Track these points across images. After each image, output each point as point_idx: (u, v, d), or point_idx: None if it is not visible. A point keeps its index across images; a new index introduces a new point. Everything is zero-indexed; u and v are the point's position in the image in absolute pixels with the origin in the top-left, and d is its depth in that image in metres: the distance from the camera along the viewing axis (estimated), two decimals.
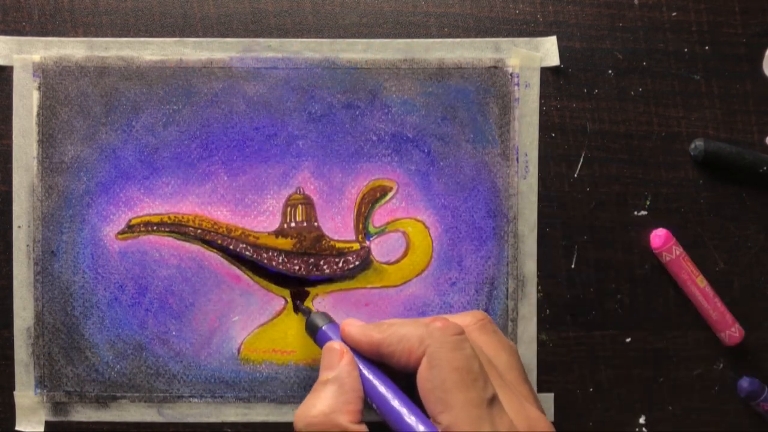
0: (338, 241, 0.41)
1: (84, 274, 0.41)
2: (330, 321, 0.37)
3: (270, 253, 0.41)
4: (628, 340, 0.42)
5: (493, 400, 0.29)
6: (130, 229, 0.41)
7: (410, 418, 0.30)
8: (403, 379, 0.33)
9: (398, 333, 0.32)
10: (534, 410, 0.31)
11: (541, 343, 0.42)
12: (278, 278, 0.41)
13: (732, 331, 0.41)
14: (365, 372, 0.33)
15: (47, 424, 0.41)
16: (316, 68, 0.41)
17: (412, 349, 0.31)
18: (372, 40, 0.41)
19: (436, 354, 0.30)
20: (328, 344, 0.34)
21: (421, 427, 0.29)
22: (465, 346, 0.30)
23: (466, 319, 0.34)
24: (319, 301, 0.41)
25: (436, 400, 0.29)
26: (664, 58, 0.42)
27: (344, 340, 0.34)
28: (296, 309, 0.41)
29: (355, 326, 0.34)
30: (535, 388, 0.42)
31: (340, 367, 0.33)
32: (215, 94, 0.41)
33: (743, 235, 0.42)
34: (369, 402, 0.33)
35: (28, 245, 0.41)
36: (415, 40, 0.41)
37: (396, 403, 0.31)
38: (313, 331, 0.37)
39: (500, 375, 0.31)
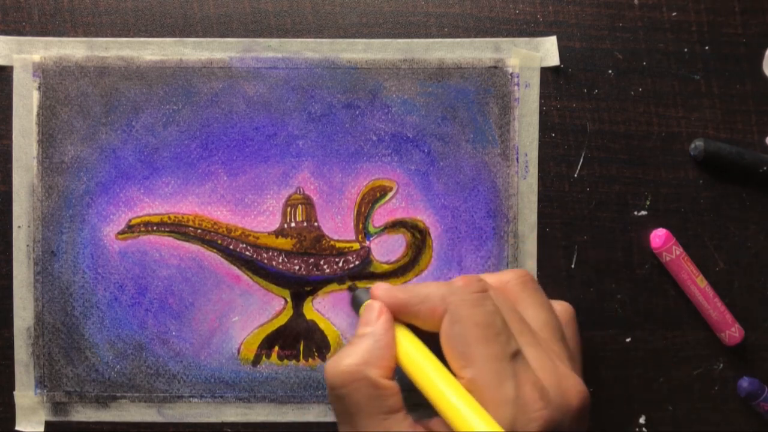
0: (338, 241, 0.41)
1: (84, 274, 0.41)
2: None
3: (270, 253, 0.41)
4: (628, 340, 0.42)
5: (517, 355, 0.29)
6: (130, 229, 0.41)
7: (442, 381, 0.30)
8: (434, 342, 0.33)
9: (422, 293, 0.32)
10: (564, 367, 0.30)
11: None
12: (278, 278, 0.41)
13: (732, 331, 0.41)
14: (403, 335, 0.33)
15: (47, 424, 0.41)
16: (316, 68, 0.41)
17: (435, 307, 0.31)
18: (372, 40, 0.41)
19: (456, 310, 0.30)
20: (368, 302, 0.34)
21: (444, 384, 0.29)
22: (486, 302, 0.30)
23: (506, 276, 0.34)
24: (319, 301, 0.41)
25: (458, 355, 0.29)
26: (664, 58, 0.42)
27: None
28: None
29: (382, 288, 0.34)
30: None
31: (378, 323, 0.33)
32: (215, 94, 0.41)
33: (743, 235, 0.42)
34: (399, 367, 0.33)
35: (28, 245, 0.41)
36: (415, 40, 0.41)
37: (427, 367, 0.31)
38: (357, 305, 0.37)
39: (532, 332, 0.31)
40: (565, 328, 0.34)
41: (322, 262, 0.41)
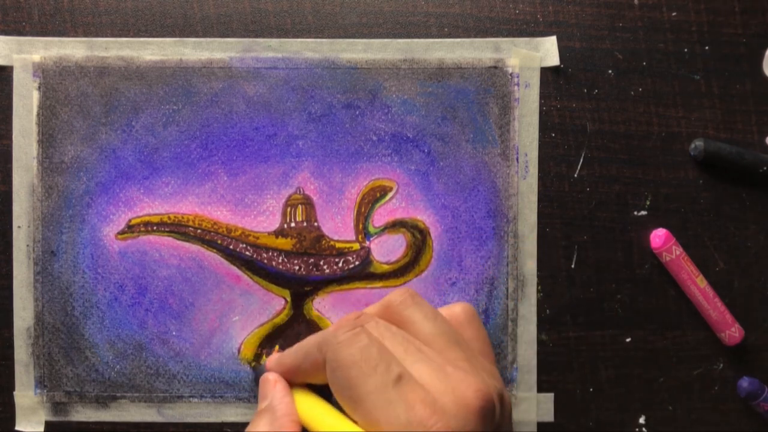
0: (338, 241, 0.41)
1: (84, 274, 0.41)
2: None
3: (270, 253, 0.41)
4: (628, 340, 0.42)
5: (400, 379, 0.29)
6: (130, 229, 0.41)
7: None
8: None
9: (302, 349, 0.32)
10: (458, 372, 0.30)
11: (541, 343, 0.42)
12: (278, 278, 0.41)
13: (732, 331, 0.41)
14: (302, 400, 0.33)
15: (47, 424, 0.41)
16: (316, 68, 0.41)
17: (316, 359, 0.31)
18: (372, 40, 0.41)
19: (332, 356, 0.30)
20: (262, 377, 0.34)
21: None
22: (359, 338, 0.30)
23: (387, 300, 0.34)
24: (319, 301, 0.41)
25: (346, 399, 0.29)
26: (664, 58, 0.42)
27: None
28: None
29: (272, 359, 0.34)
30: (535, 389, 0.42)
31: (273, 394, 0.33)
32: (215, 94, 0.41)
33: (743, 235, 0.42)
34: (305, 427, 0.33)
35: (28, 245, 0.41)
36: (415, 40, 0.41)
37: (328, 420, 0.31)
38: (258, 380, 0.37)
39: (419, 348, 0.31)
40: (465, 328, 0.33)
41: (322, 262, 0.41)
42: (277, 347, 0.41)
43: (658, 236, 0.41)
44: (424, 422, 0.28)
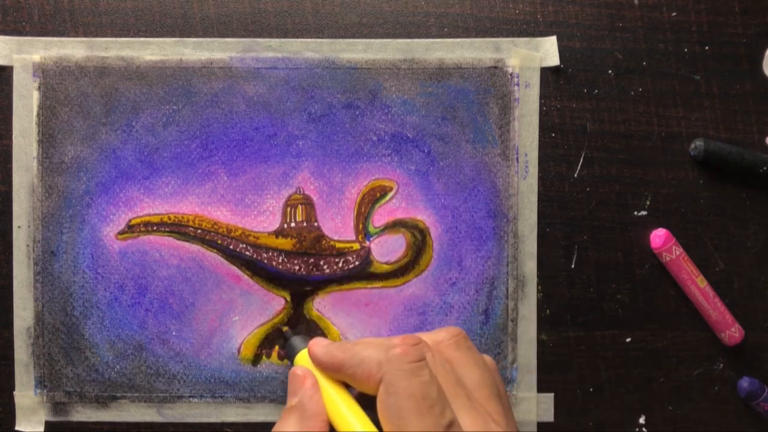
0: (338, 241, 0.41)
1: (84, 274, 0.41)
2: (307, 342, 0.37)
3: (270, 253, 0.41)
4: (628, 340, 0.42)
5: (452, 425, 0.29)
6: (130, 229, 0.41)
7: None
8: (372, 399, 0.33)
9: (359, 355, 0.32)
10: (495, 425, 0.31)
11: (541, 343, 0.42)
12: (278, 278, 0.41)
13: (732, 331, 0.41)
14: (333, 395, 0.33)
15: (47, 424, 0.41)
16: (316, 68, 0.41)
17: (371, 373, 0.31)
18: (372, 40, 0.41)
19: (392, 381, 0.30)
20: (291, 370, 0.34)
21: None
22: (422, 372, 0.30)
23: (440, 336, 0.34)
24: (319, 301, 0.41)
25: (393, 425, 0.29)
26: (664, 58, 0.42)
27: (312, 360, 0.34)
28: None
29: (320, 346, 0.34)
30: (535, 388, 0.42)
31: (302, 392, 0.33)
32: (215, 94, 0.41)
33: (743, 235, 0.42)
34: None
35: (28, 245, 0.41)
36: (415, 40, 0.41)
37: (357, 427, 0.31)
38: (292, 353, 0.37)
39: (468, 394, 0.31)
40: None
41: (322, 262, 0.41)
42: (277, 347, 0.41)
43: (658, 236, 0.41)
44: None
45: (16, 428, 0.41)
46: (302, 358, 0.35)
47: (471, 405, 0.30)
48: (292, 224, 0.41)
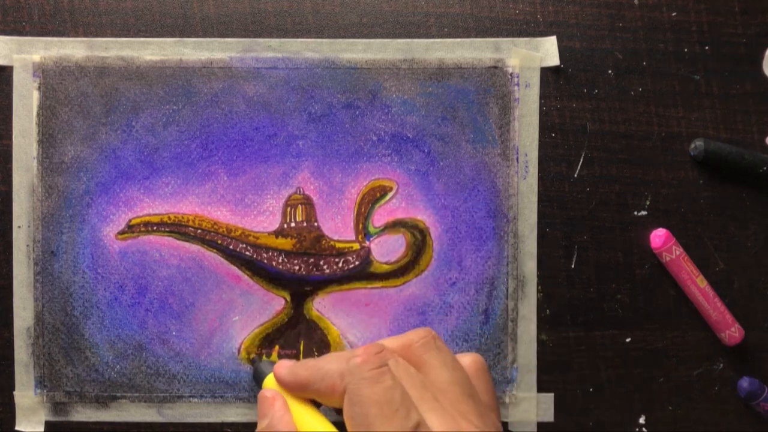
0: (338, 241, 0.41)
1: (84, 274, 0.41)
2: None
3: (270, 253, 0.41)
4: (628, 340, 0.42)
5: (418, 427, 0.29)
6: (130, 229, 0.41)
7: None
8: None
9: (322, 370, 0.32)
10: (468, 427, 0.31)
11: (541, 343, 0.42)
12: (278, 278, 0.41)
13: (732, 331, 0.41)
14: (302, 414, 0.33)
15: (47, 424, 0.41)
16: (316, 68, 0.41)
17: (335, 385, 0.31)
18: (372, 40, 0.41)
19: (355, 390, 0.30)
20: (260, 393, 0.34)
21: None
22: (384, 378, 0.30)
23: (409, 338, 0.34)
24: (319, 301, 0.41)
25: None
26: (664, 58, 0.42)
27: (278, 382, 0.34)
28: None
29: (284, 367, 0.34)
30: (535, 388, 0.42)
31: (272, 413, 0.33)
32: (215, 94, 0.41)
33: (743, 235, 0.42)
34: None
35: (28, 245, 0.41)
36: (415, 40, 0.41)
37: None
38: (259, 378, 0.37)
39: (435, 396, 0.31)
40: (474, 381, 0.34)
41: (322, 262, 0.41)
42: (277, 347, 0.41)
43: (658, 236, 0.41)
44: None
45: (16, 428, 0.41)
46: (270, 381, 0.35)
47: (439, 406, 0.30)
48: (292, 224, 0.41)
